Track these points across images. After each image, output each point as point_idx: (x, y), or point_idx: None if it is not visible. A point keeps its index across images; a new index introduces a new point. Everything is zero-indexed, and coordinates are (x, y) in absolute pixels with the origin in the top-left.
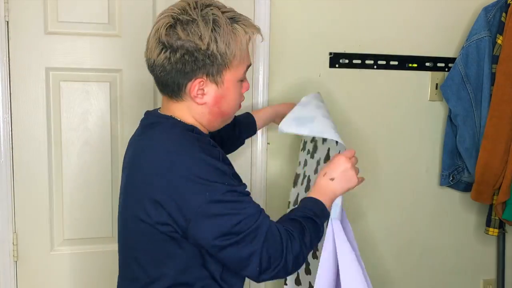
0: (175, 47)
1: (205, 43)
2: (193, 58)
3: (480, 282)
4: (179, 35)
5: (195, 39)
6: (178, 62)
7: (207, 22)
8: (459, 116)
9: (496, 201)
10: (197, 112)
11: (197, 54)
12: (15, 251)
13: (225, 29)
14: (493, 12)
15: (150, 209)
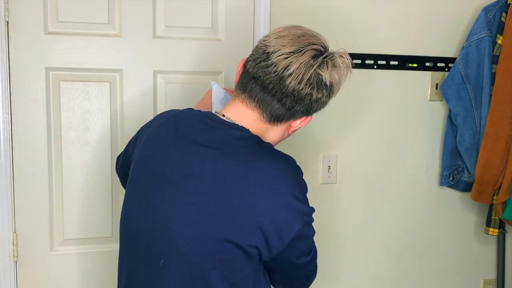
0: (324, 87)
1: (338, 90)
2: (326, 101)
3: (480, 282)
4: (335, 79)
5: (338, 85)
6: (316, 101)
7: (348, 70)
8: (459, 116)
9: (496, 201)
10: (276, 138)
11: (330, 98)
12: (15, 251)
13: (347, 75)
14: (493, 12)
15: (245, 231)
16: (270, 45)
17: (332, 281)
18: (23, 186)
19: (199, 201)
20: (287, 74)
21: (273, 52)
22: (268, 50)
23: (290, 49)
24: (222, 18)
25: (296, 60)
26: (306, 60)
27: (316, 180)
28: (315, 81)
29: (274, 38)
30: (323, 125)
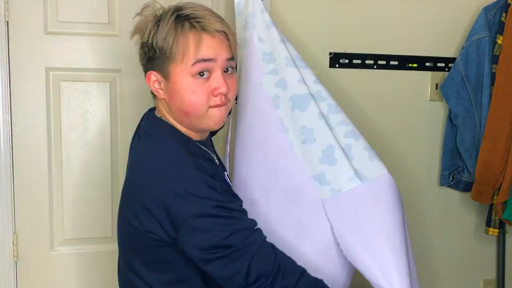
0: (142, 44)
1: (145, 37)
2: (143, 51)
3: (480, 282)
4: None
5: (143, 34)
6: (140, 56)
7: (155, 19)
8: (459, 116)
9: (496, 201)
10: (167, 109)
11: (144, 47)
12: (15, 251)
13: (167, 25)
14: (493, 12)
15: (141, 217)
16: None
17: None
18: (23, 186)
19: (123, 191)
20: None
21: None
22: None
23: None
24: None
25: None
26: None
27: None
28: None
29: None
30: None
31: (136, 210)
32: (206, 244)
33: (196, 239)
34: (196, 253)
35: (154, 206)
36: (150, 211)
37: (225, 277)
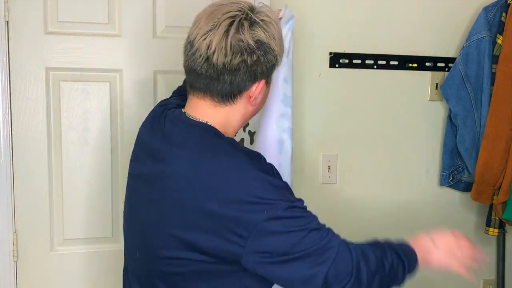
0: (254, 48)
1: (277, 44)
2: (267, 59)
3: (480, 282)
4: (259, 35)
5: (270, 39)
6: (254, 65)
7: (273, 22)
8: (459, 116)
9: (496, 201)
10: (241, 114)
11: (271, 55)
12: (15, 251)
13: (279, 31)
14: (493, 12)
15: (201, 234)
16: (191, 33)
17: None
18: (23, 186)
19: (156, 199)
20: (211, 53)
21: (194, 38)
22: (190, 38)
23: (207, 28)
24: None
25: (214, 35)
26: (223, 31)
27: (316, 180)
28: (239, 47)
29: (193, 25)
30: (323, 125)
31: (192, 227)
32: (283, 247)
33: (270, 243)
34: (267, 258)
35: (221, 217)
36: (216, 223)
37: (301, 281)
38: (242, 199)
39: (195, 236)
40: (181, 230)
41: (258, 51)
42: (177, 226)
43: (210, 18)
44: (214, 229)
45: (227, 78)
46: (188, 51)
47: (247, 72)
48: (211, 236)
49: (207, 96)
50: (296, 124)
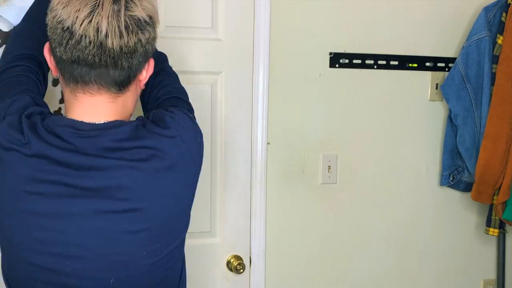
0: (146, 24)
1: (158, 16)
2: (155, 35)
3: (480, 282)
4: (149, 8)
5: (155, 12)
6: (147, 43)
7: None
8: (459, 116)
9: (496, 201)
10: (134, 100)
11: (155, 30)
12: None
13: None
14: (493, 12)
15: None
16: (64, 18)
17: (332, 281)
18: None
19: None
20: (103, 36)
21: (72, 24)
22: (66, 24)
23: (87, 10)
24: (222, 18)
25: (101, 16)
26: (110, 10)
27: (316, 180)
28: (134, 25)
29: (63, 8)
30: (323, 125)
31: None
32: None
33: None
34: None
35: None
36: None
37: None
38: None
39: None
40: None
41: (149, 27)
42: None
43: (80, 0)
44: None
45: (124, 63)
46: (68, 40)
47: (142, 52)
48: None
49: (101, 89)
50: (296, 124)
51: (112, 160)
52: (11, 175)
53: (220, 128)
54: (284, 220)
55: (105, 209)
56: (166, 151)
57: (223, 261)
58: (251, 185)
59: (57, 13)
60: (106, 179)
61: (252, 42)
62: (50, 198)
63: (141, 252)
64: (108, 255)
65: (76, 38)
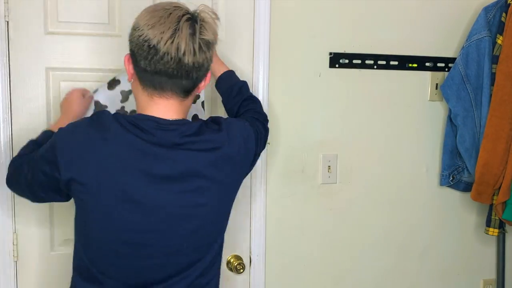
0: (211, 44)
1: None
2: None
3: (480, 282)
4: (214, 31)
5: (217, 34)
6: (210, 59)
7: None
8: (459, 116)
9: (496, 201)
10: (191, 103)
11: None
12: (15, 251)
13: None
14: (493, 12)
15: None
16: (150, 37)
17: (332, 281)
18: None
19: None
20: (182, 54)
21: (157, 43)
22: (152, 43)
23: (170, 32)
24: (222, 18)
25: (181, 38)
26: (188, 33)
27: (316, 180)
28: (204, 45)
29: (149, 29)
30: (323, 125)
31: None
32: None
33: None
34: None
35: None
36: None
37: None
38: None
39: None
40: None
41: (212, 46)
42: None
43: (164, 22)
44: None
45: (194, 75)
46: (153, 55)
47: (207, 66)
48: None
49: (174, 94)
50: (296, 124)
51: (183, 151)
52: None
53: None
54: (284, 220)
55: (180, 190)
56: (220, 145)
57: (223, 261)
58: (251, 185)
59: (144, 33)
60: (180, 165)
61: (252, 42)
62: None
63: (208, 220)
64: (183, 224)
65: (160, 54)
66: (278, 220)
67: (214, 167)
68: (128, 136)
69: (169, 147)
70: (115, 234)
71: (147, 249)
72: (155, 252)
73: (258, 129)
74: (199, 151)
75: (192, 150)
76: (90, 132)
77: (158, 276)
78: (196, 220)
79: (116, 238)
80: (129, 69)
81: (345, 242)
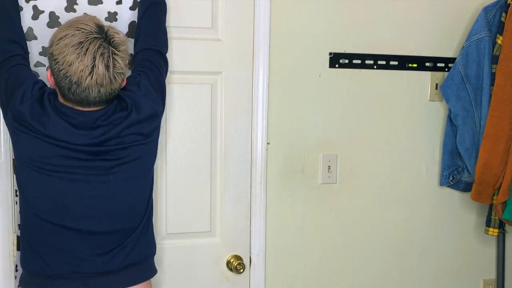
0: (124, 71)
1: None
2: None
3: (480, 282)
4: (125, 59)
5: (126, 57)
6: (125, 74)
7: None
8: (459, 116)
9: (496, 201)
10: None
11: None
12: (15, 251)
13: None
14: (493, 12)
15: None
16: (71, 75)
17: (332, 281)
18: None
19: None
20: (101, 86)
21: (78, 79)
22: (74, 79)
23: (88, 70)
24: (222, 18)
25: (98, 73)
26: (104, 70)
27: (316, 180)
28: (119, 75)
29: (69, 66)
30: (323, 125)
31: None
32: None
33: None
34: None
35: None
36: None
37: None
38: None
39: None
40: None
41: (126, 70)
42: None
43: (82, 60)
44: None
45: (113, 92)
46: (76, 89)
47: (121, 85)
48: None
49: (97, 106)
50: (296, 124)
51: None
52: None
53: (220, 128)
54: (284, 220)
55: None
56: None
57: (223, 261)
58: (251, 185)
59: (64, 69)
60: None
61: (252, 42)
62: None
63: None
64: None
65: (82, 88)
66: (278, 220)
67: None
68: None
69: (88, 129)
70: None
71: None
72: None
73: (157, 74)
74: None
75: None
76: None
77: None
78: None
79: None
80: (51, 81)
81: (345, 242)
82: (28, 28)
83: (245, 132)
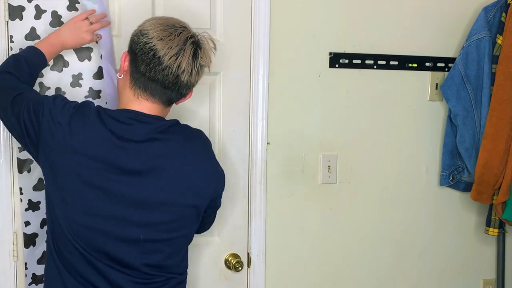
0: (205, 70)
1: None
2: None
3: (480, 282)
4: (211, 59)
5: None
6: (200, 79)
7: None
8: (459, 116)
9: (496, 201)
10: (167, 114)
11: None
12: (15, 251)
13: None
14: (493, 12)
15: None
16: (158, 48)
17: (332, 281)
18: None
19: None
20: (181, 72)
21: (163, 55)
22: (158, 54)
23: (176, 50)
24: (220, 19)
25: (184, 58)
26: (190, 56)
27: (316, 180)
28: (201, 69)
29: (158, 41)
30: (323, 125)
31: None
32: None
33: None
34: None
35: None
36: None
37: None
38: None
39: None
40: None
41: (203, 72)
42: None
43: (173, 39)
44: None
45: (183, 91)
46: (155, 65)
47: (195, 85)
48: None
49: (159, 101)
50: (295, 124)
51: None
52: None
53: (218, 128)
54: (284, 220)
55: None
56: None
57: (221, 259)
58: (251, 185)
59: (152, 42)
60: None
61: (250, 43)
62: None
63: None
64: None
65: (163, 66)
66: (278, 220)
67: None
68: (103, 130)
69: (139, 142)
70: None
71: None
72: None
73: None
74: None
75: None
76: (73, 118)
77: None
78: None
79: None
80: (123, 66)
81: (345, 242)
82: (31, 28)
83: (243, 132)
